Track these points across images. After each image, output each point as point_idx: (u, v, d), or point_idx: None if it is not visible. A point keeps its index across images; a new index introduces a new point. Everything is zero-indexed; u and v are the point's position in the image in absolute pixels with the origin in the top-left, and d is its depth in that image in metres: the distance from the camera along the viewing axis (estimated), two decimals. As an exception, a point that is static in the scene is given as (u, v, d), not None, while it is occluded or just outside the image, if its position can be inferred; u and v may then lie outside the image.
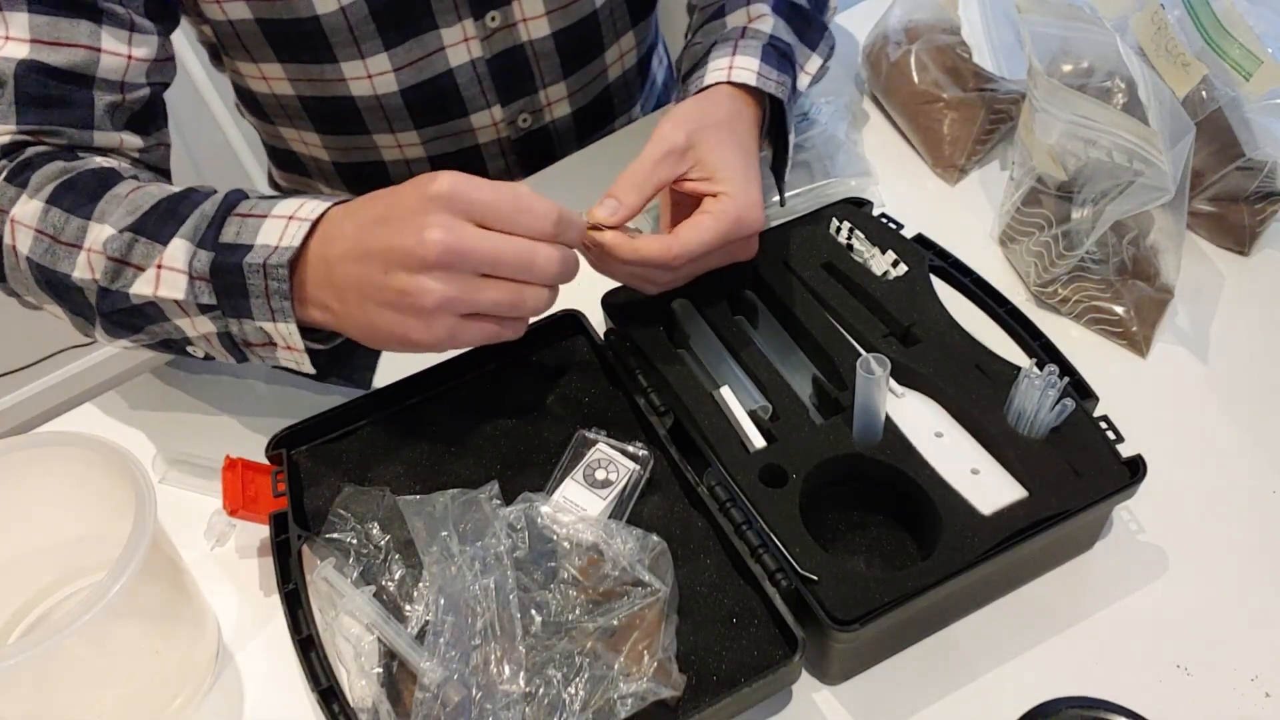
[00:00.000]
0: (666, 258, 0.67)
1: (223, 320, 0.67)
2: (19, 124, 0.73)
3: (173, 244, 0.66)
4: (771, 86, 0.75)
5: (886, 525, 0.68)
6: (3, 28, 0.73)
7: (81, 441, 0.62)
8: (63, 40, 0.73)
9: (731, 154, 0.71)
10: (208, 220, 0.67)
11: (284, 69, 0.90)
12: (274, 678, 0.67)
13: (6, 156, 0.74)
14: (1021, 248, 0.84)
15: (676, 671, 0.59)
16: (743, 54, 0.76)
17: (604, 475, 0.68)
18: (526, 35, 0.93)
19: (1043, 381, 0.66)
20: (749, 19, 0.81)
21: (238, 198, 0.68)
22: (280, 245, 0.64)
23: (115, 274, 0.68)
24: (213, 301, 0.66)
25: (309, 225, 0.64)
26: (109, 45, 0.75)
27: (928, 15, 0.99)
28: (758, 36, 0.78)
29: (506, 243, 0.61)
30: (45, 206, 0.70)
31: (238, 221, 0.66)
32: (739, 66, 0.75)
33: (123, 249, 0.68)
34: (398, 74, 0.90)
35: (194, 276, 0.66)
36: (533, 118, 1.01)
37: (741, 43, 0.78)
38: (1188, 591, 0.67)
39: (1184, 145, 0.73)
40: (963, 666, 0.64)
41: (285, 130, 1.01)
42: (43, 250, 0.70)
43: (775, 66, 0.77)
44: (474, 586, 0.61)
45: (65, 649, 0.54)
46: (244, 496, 0.68)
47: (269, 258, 0.63)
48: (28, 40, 0.72)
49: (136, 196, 0.70)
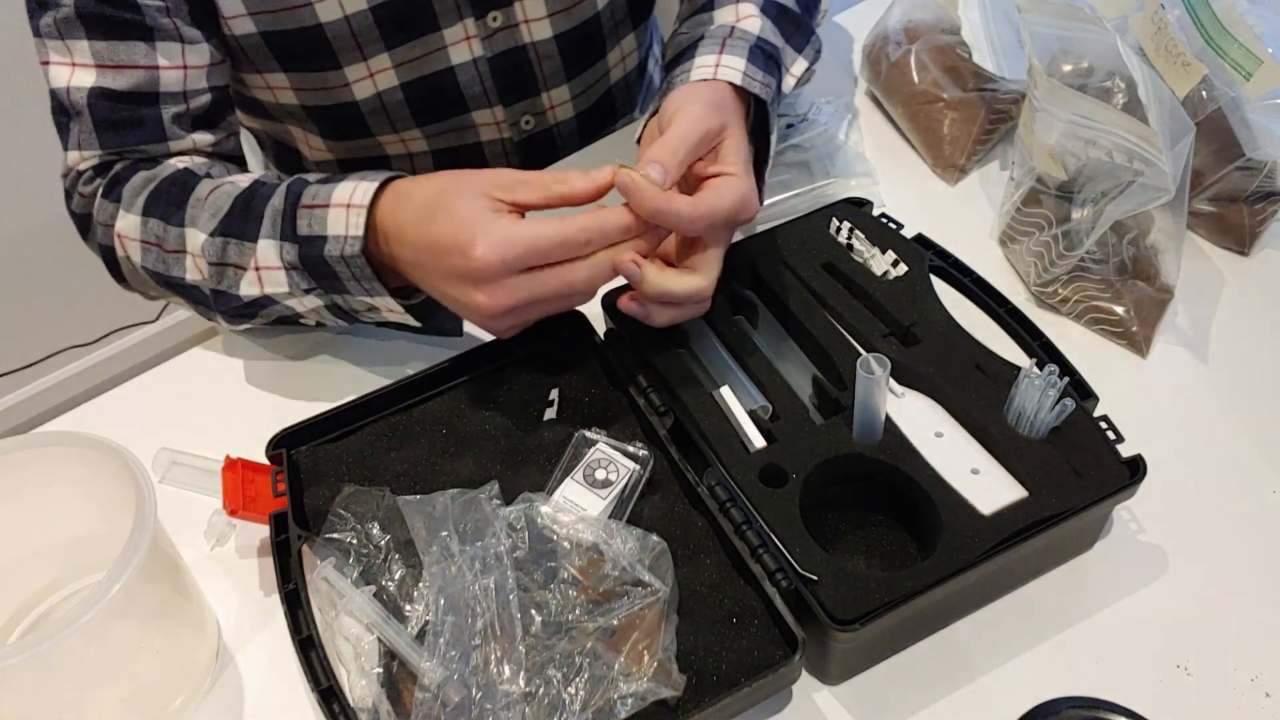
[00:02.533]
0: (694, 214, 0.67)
1: (327, 297, 0.74)
2: (101, 148, 0.81)
3: (261, 244, 0.74)
4: (757, 88, 0.75)
5: (886, 525, 0.68)
6: (68, 55, 0.79)
7: (81, 441, 0.62)
8: (123, 63, 0.79)
9: (742, 144, 0.72)
10: (280, 214, 0.73)
11: (288, 78, 0.90)
12: (274, 678, 0.67)
13: (100, 175, 0.82)
14: (1021, 248, 0.84)
15: (676, 671, 0.59)
16: (730, 53, 0.76)
17: (604, 475, 0.68)
18: (529, 37, 0.93)
19: (1043, 381, 0.66)
20: (737, 17, 0.81)
21: (299, 187, 0.74)
22: (348, 235, 0.70)
23: (219, 276, 0.76)
24: (313, 285, 0.74)
25: (365, 212, 0.70)
26: (164, 61, 0.80)
27: (928, 15, 0.99)
28: (745, 37, 0.79)
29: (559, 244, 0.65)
30: (142, 219, 0.78)
31: (307, 214, 0.72)
32: (726, 65, 0.75)
33: (218, 253, 0.75)
34: (398, 71, 0.90)
35: (289, 268, 0.73)
36: (536, 120, 1.01)
37: (729, 42, 0.78)
38: (1188, 591, 0.67)
39: (1184, 145, 0.73)
40: (963, 666, 0.64)
41: (293, 129, 1.01)
42: (154, 259, 0.78)
43: (761, 68, 0.77)
44: (474, 586, 0.61)
45: (65, 649, 0.54)
46: (244, 496, 0.68)
47: (343, 249, 0.70)
48: (93, 66, 0.79)
49: (214, 199, 0.76)
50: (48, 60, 0.79)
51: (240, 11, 0.83)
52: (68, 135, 0.81)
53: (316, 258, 0.71)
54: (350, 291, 0.73)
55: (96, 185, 0.81)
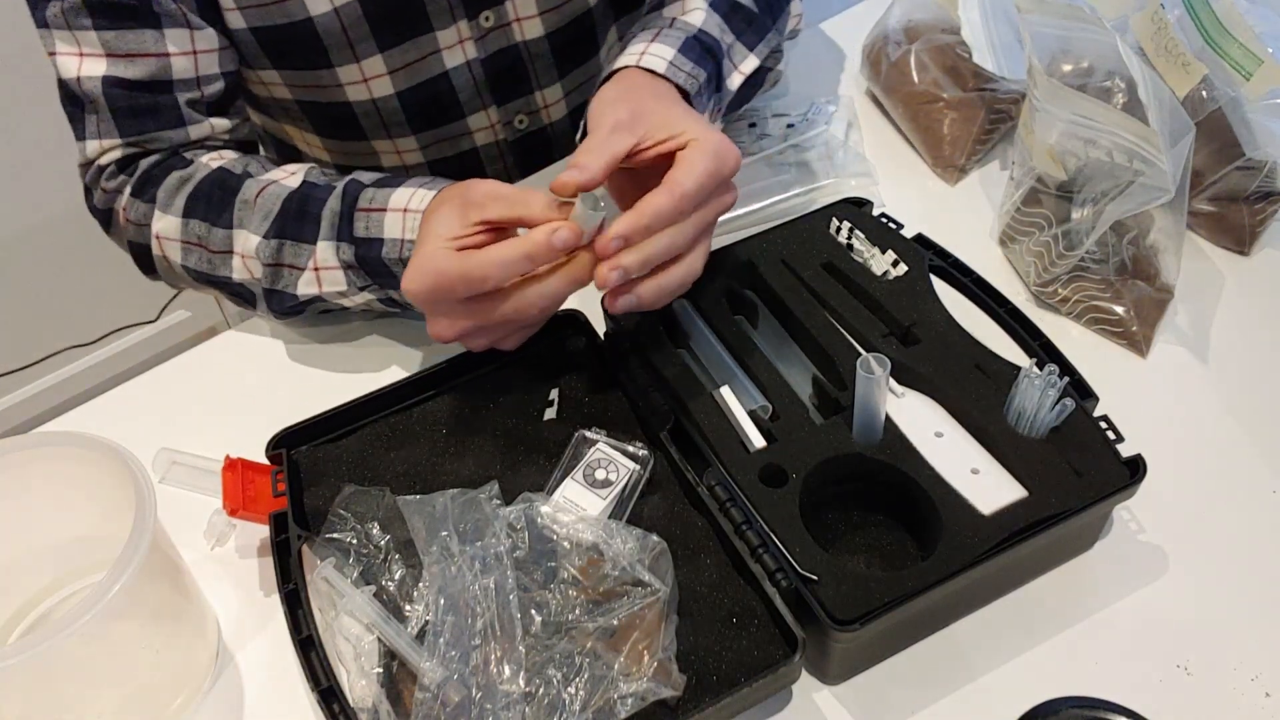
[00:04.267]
0: (673, 201, 0.63)
1: (383, 292, 0.77)
2: (122, 136, 0.81)
3: (320, 246, 0.76)
4: (680, 77, 0.74)
5: (886, 525, 0.68)
6: (76, 45, 0.79)
7: (81, 441, 0.62)
8: (133, 52, 0.79)
9: (681, 111, 0.70)
10: (338, 216, 0.75)
11: (280, 75, 0.90)
12: (274, 678, 0.67)
13: (125, 171, 0.82)
14: (1021, 247, 0.84)
15: (676, 671, 0.59)
16: (661, 42, 0.76)
17: (604, 475, 0.68)
18: (520, 35, 0.93)
19: (1043, 381, 0.66)
20: (683, 11, 0.82)
21: (356, 190, 0.76)
22: (405, 239, 0.73)
23: (274, 276, 0.78)
24: (369, 282, 0.76)
25: (419, 218, 0.71)
26: (174, 47, 0.80)
27: (928, 15, 0.99)
28: (684, 29, 0.78)
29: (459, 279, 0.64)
30: (183, 221, 0.79)
31: (364, 216, 0.74)
32: (652, 53, 0.75)
33: (273, 254, 0.77)
34: (393, 76, 0.90)
35: (346, 267, 0.76)
36: (530, 119, 1.00)
37: (665, 32, 0.78)
38: (1188, 591, 0.67)
39: (1184, 145, 0.73)
40: (963, 666, 0.64)
41: (288, 127, 1.01)
42: (196, 259, 0.80)
43: (693, 59, 0.76)
44: (474, 586, 0.61)
45: (65, 649, 0.54)
46: (244, 496, 0.68)
47: (401, 252, 0.73)
48: (103, 55, 0.78)
49: (264, 201, 0.78)
50: (54, 51, 0.79)
51: (232, 4, 0.83)
52: (83, 126, 0.81)
53: (374, 259, 0.74)
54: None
55: (121, 182, 0.81)
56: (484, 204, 0.66)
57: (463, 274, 0.64)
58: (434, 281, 0.65)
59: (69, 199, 0.94)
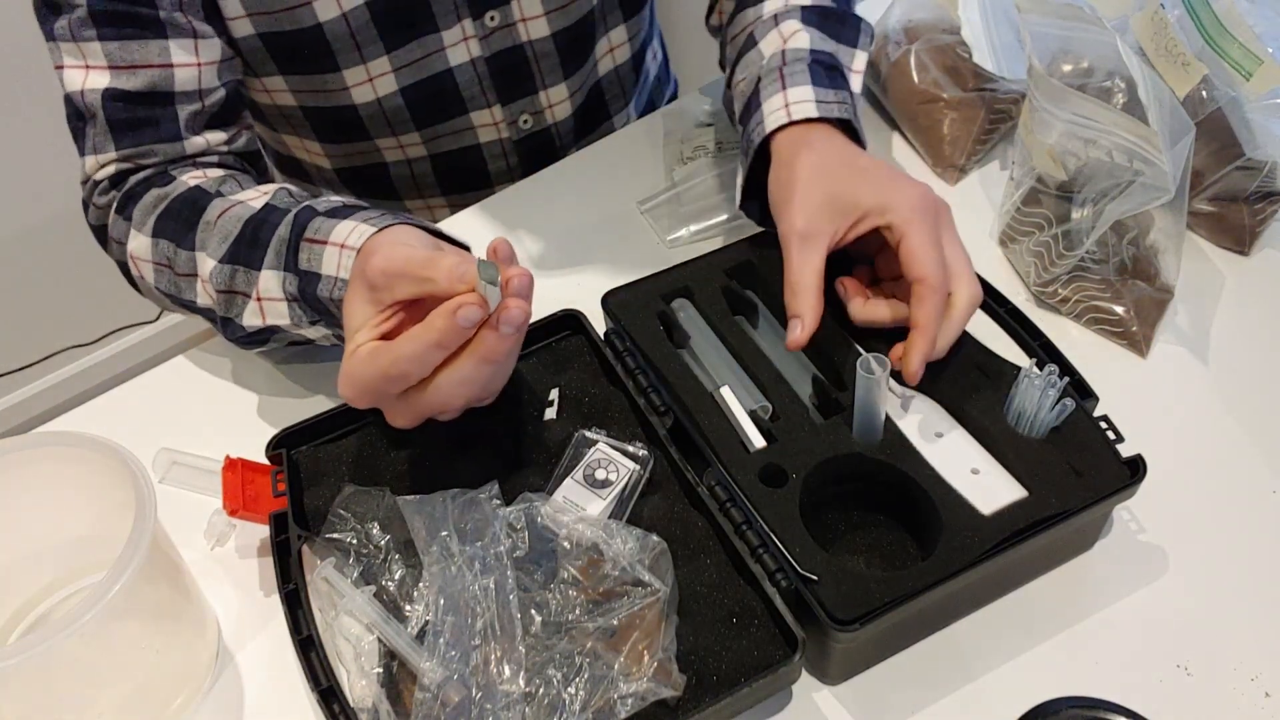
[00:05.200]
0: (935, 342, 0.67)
1: (333, 329, 0.71)
2: (117, 150, 0.79)
3: (264, 275, 0.70)
4: (834, 110, 0.73)
5: (886, 525, 0.68)
6: (82, 58, 0.77)
7: (81, 441, 0.62)
8: (137, 63, 0.77)
9: (858, 177, 0.70)
10: (285, 244, 0.69)
11: (286, 81, 0.90)
12: (274, 678, 0.67)
13: (115, 188, 0.80)
14: (1021, 248, 0.84)
15: (676, 671, 0.59)
16: (793, 85, 0.75)
17: (604, 475, 0.68)
18: (525, 35, 0.93)
19: (1043, 381, 0.66)
20: (783, 40, 0.79)
21: (307, 217, 0.70)
22: (339, 277, 0.67)
23: (228, 304, 0.73)
24: (317, 317, 0.70)
25: (354, 254, 0.65)
26: (179, 58, 0.79)
27: (928, 15, 0.99)
28: (799, 57, 0.77)
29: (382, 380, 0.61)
30: (153, 240, 0.76)
31: (308, 247, 0.68)
32: (795, 101, 0.74)
33: (226, 280, 0.72)
34: (397, 74, 0.90)
35: (290, 299, 0.70)
36: (534, 119, 1.01)
37: (787, 70, 0.76)
38: (1188, 591, 0.67)
39: (1184, 145, 0.73)
40: (963, 666, 0.64)
41: (288, 138, 1.01)
42: (166, 281, 0.77)
43: (828, 85, 0.75)
44: (474, 586, 0.61)
45: (65, 649, 0.54)
46: (244, 496, 0.68)
47: (333, 291, 0.67)
48: (106, 68, 0.77)
49: (224, 222, 0.73)
50: (61, 64, 0.78)
51: (240, 13, 0.83)
52: (83, 141, 0.80)
53: (312, 295, 0.68)
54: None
55: (111, 198, 0.80)
56: (390, 285, 0.61)
57: (383, 377, 0.60)
58: (361, 388, 0.62)
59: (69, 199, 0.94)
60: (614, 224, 0.92)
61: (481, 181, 1.04)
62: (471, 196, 1.03)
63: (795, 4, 0.83)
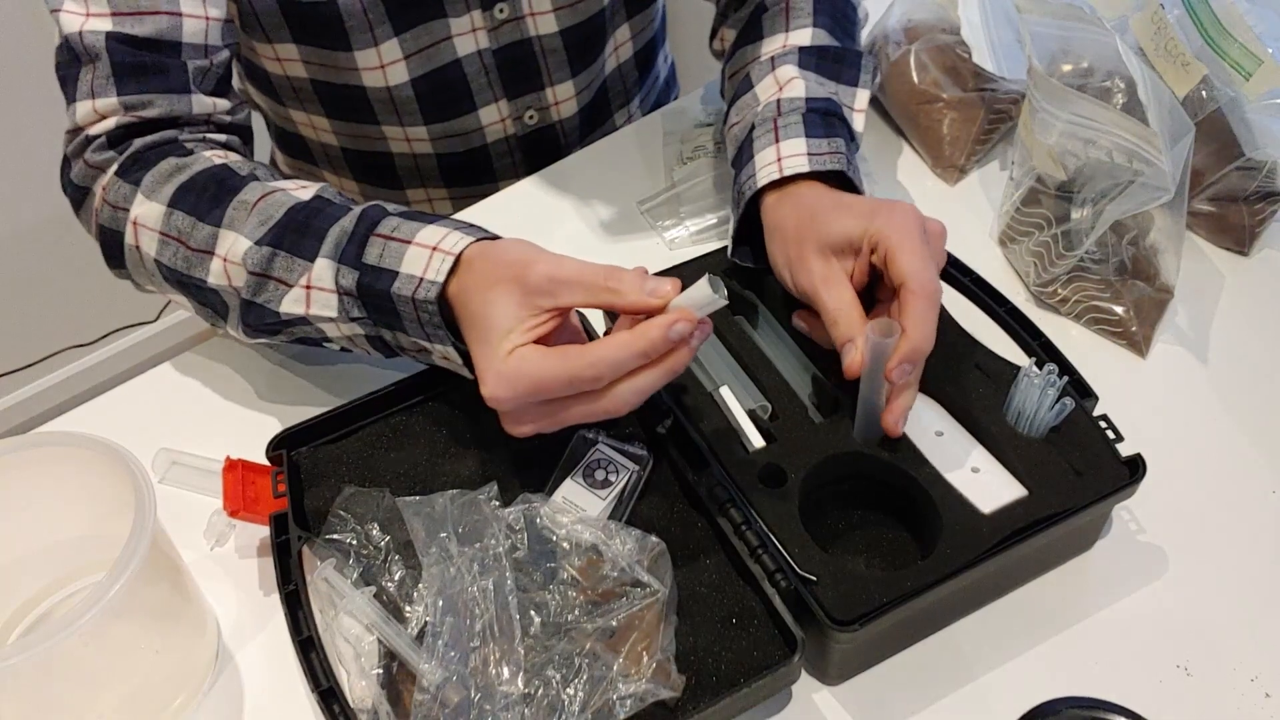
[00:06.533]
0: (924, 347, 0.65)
1: (374, 329, 0.68)
2: (120, 95, 0.73)
3: (318, 264, 0.67)
4: (826, 162, 0.73)
5: (886, 525, 0.68)
6: (83, 5, 0.73)
7: (81, 441, 0.62)
8: (144, 9, 0.73)
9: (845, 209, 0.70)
10: (348, 236, 0.66)
11: (299, 50, 0.90)
12: (274, 678, 0.67)
13: (114, 147, 0.74)
14: (1021, 248, 0.84)
15: (676, 672, 0.59)
16: (786, 138, 0.74)
17: (603, 475, 0.68)
18: (534, 30, 0.93)
19: (1042, 380, 0.66)
20: (779, 88, 0.79)
21: (378, 215, 0.67)
22: (425, 278, 0.63)
23: (258, 288, 0.69)
24: (363, 315, 0.67)
25: (453, 260, 0.63)
26: (187, 8, 0.75)
27: (928, 15, 0.99)
28: (795, 107, 0.76)
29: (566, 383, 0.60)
30: (167, 210, 0.71)
31: (380, 243, 0.65)
32: (788, 155, 0.73)
33: (263, 263, 0.68)
34: (407, 62, 0.91)
35: (342, 292, 0.67)
36: (539, 115, 1.01)
37: (781, 121, 0.75)
38: (1188, 591, 0.67)
39: (1184, 145, 0.73)
40: (963, 666, 0.64)
41: (295, 113, 1.00)
42: (171, 253, 0.72)
43: (822, 134, 0.74)
44: (473, 588, 0.61)
45: (65, 649, 0.54)
46: (244, 497, 0.68)
47: (416, 291, 0.63)
48: (109, 14, 0.73)
49: (265, 205, 0.70)
50: (59, 8, 0.73)
51: None
52: (77, 85, 0.73)
53: (380, 291, 0.65)
54: (408, 331, 0.66)
55: (108, 158, 0.74)
56: (555, 291, 0.60)
57: (571, 378, 0.59)
58: (531, 387, 0.60)
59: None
60: (614, 224, 0.92)
61: (485, 176, 1.04)
62: (474, 190, 1.03)
63: (794, 45, 0.82)
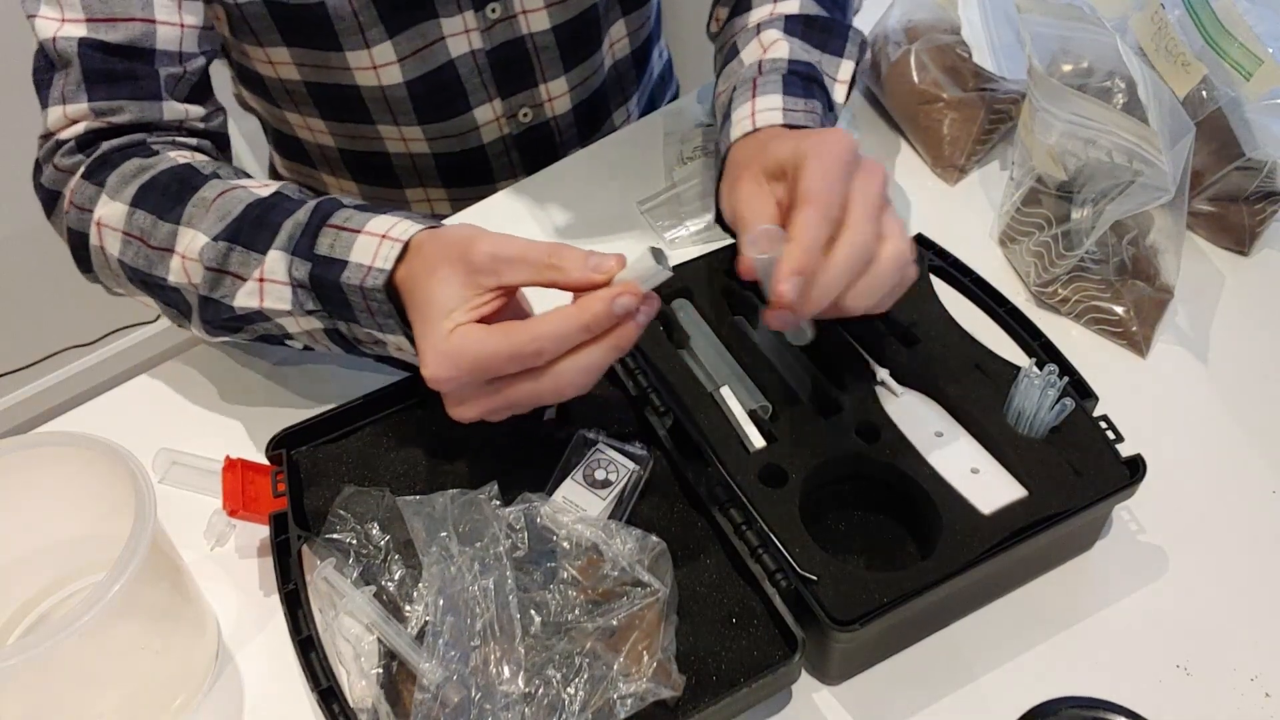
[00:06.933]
0: (818, 209, 0.59)
1: (330, 321, 0.67)
2: (90, 101, 0.73)
3: (270, 255, 0.67)
4: (799, 119, 0.73)
5: (886, 525, 0.68)
6: (58, 10, 0.74)
7: (81, 441, 0.62)
8: (117, 15, 0.74)
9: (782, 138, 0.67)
10: (301, 228, 0.66)
11: (290, 53, 0.90)
12: (274, 678, 0.67)
13: (83, 151, 0.75)
14: (1021, 248, 0.84)
15: (676, 671, 0.59)
16: (763, 94, 0.74)
17: (604, 475, 0.68)
18: (526, 28, 0.93)
19: (1042, 381, 0.66)
20: (763, 50, 0.79)
21: (331, 207, 0.67)
22: (373, 266, 0.63)
23: (214, 283, 0.69)
24: (318, 307, 0.67)
25: (401, 247, 0.63)
26: (162, 15, 0.75)
27: (928, 15, 0.99)
28: (776, 68, 0.76)
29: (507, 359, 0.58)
30: (129, 209, 0.71)
31: (332, 233, 0.65)
32: (762, 109, 0.73)
33: (219, 258, 0.68)
34: (401, 64, 0.90)
35: (295, 285, 0.66)
36: (534, 112, 1.01)
37: (760, 80, 0.75)
38: (1188, 591, 0.67)
39: (1184, 145, 0.73)
40: (963, 666, 0.64)
41: (290, 115, 1.00)
42: (134, 253, 0.71)
43: (801, 94, 0.74)
44: (473, 587, 0.61)
45: (65, 649, 0.54)
46: (244, 497, 0.68)
47: (364, 279, 0.63)
48: (84, 20, 0.73)
49: (224, 202, 0.69)
50: (35, 14, 0.74)
51: None
52: (49, 90, 0.75)
53: (331, 282, 0.65)
54: (359, 322, 0.66)
55: (76, 161, 0.75)
56: (498, 270, 0.59)
57: (512, 353, 0.57)
58: (472, 364, 0.58)
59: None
60: (614, 224, 0.92)
61: (482, 176, 1.04)
62: (472, 190, 1.03)
63: (781, 12, 0.83)
